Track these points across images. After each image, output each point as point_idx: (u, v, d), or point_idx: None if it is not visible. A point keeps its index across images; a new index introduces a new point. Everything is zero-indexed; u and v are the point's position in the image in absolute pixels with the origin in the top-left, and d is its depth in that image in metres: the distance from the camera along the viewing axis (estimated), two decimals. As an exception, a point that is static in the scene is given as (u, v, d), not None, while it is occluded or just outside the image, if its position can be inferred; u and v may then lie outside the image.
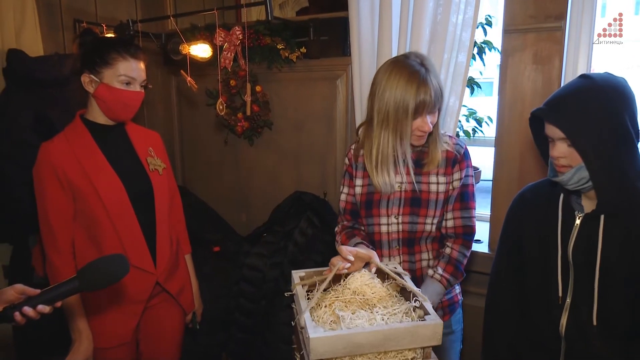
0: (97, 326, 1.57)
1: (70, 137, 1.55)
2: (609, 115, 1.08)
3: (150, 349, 1.74)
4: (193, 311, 1.85)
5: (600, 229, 1.15)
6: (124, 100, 1.53)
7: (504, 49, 1.88)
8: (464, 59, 1.88)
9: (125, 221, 1.56)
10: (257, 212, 2.72)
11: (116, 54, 1.49)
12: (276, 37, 2.35)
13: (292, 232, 2.30)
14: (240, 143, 2.71)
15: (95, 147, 1.56)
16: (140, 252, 1.59)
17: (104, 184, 1.53)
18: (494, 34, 2.26)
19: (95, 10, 2.53)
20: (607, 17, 1.93)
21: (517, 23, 1.83)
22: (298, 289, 1.24)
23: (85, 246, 1.56)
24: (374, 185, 1.50)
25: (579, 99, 1.11)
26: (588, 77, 1.14)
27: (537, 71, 1.82)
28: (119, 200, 1.54)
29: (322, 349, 1.01)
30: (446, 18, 1.84)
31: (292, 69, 2.43)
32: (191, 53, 2.17)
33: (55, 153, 1.50)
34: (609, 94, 1.10)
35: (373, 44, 2.04)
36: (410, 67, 1.38)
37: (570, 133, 1.10)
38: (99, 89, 1.51)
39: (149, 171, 1.64)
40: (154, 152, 1.69)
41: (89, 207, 1.53)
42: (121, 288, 1.57)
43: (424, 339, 1.07)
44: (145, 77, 1.57)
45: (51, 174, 1.49)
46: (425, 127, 1.40)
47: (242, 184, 2.79)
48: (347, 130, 2.40)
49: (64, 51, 2.43)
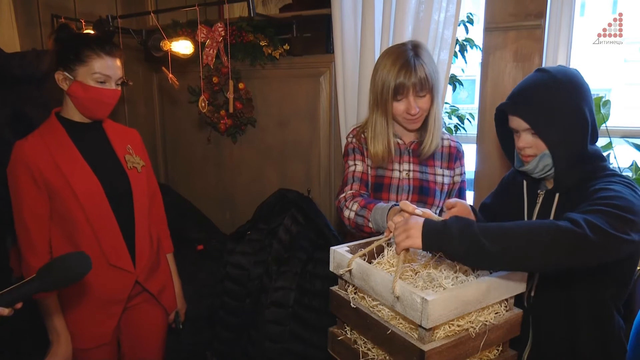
0: (75, 327, 1.55)
1: (45, 135, 1.51)
2: (568, 105, 1.16)
3: (133, 349, 1.72)
4: (176, 311, 1.84)
5: (554, 205, 1.24)
6: (98, 98, 1.50)
7: (485, 47, 1.90)
8: (446, 57, 1.90)
9: (103, 220, 1.53)
10: (241, 210, 2.71)
11: (90, 51, 1.46)
12: (259, 34, 2.34)
13: (277, 230, 2.30)
14: (223, 141, 2.70)
15: (71, 145, 1.52)
16: (118, 251, 1.56)
17: (80, 182, 1.50)
18: (476, 32, 2.28)
19: (74, 6, 2.48)
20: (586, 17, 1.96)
21: (497, 21, 1.85)
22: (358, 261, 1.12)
23: (63, 245, 1.53)
24: (371, 156, 1.54)
25: (539, 92, 1.18)
26: (545, 70, 1.21)
27: (517, 68, 1.85)
28: (96, 198, 1.52)
29: (437, 313, 0.94)
30: (428, 15, 1.85)
31: (275, 66, 2.43)
32: (172, 50, 2.14)
33: (30, 151, 1.47)
34: (567, 85, 1.17)
35: (356, 42, 2.05)
36: (400, 51, 1.45)
37: (535, 123, 1.17)
38: (73, 86, 1.47)
39: (127, 169, 1.61)
40: (132, 149, 1.67)
41: (65, 206, 1.50)
42: (99, 288, 1.55)
43: (515, 287, 1.10)
44: (121, 75, 1.54)
45: (25, 173, 1.46)
46: (412, 110, 1.44)
47: (226, 181, 2.77)
48: (331, 127, 2.40)
49: (41, 47, 2.38)
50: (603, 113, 1.90)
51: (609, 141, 1.91)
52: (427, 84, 1.43)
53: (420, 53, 1.44)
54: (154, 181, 1.80)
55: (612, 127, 1.92)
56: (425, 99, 1.45)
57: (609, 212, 1.00)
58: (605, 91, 2.80)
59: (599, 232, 0.96)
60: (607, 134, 1.91)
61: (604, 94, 1.98)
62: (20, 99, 2.04)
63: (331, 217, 2.44)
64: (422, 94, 1.44)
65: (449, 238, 0.99)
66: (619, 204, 1.02)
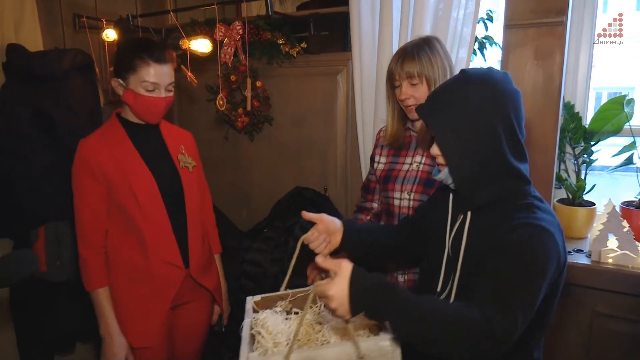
0: (124, 322, 1.59)
1: (106, 134, 1.59)
2: (474, 113, 1.05)
3: (181, 345, 1.76)
4: (220, 313, 1.87)
5: (466, 224, 1.14)
6: (147, 106, 1.54)
7: (505, 45, 1.87)
8: (464, 54, 1.88)
9: (156, 216, 1.58)
10: (257, 208, 2.72)
11: (139, 59, 1.49)
12: (276, 32, 2.34)
13: (293, 228, 2.30)
14: (240, 139, 2.71)
15: (129, 143, 1.59)
16: (170, 247, 1.61)
17: (137, 179, 1.56)
18: (495, 29, 2.25)
19: (95, 5, 2.51)
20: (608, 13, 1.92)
21: (518, 18, 1.82)
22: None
23: (119, 240, 1.59)
24: (387, 134, 1.63)
25: (446, 96, 1.09)
26: (464, 73, 1.11)
27: (537, 67, 1.82)
28: (151, 195, 1.58)
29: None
30: (447, 13, 1.83)
31: (292, 64, 2.43)
32: (191, 48, 2.16)
33: (91, 148, 1.55)
34: (480, 91, 1.05)
35: (374, 39, 2.04)
36: (408, 43, 1.53)
37: (435, 131, 1.09)
38: (125, 94, 1.53)
39: (179, 168, 1.66)
40: (185, 150, 1.72)
41: (122, 201, 1.56)
42: (149, 282, 1.59)
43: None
44: (171, 80, 1.56)
45: (85, 169, 1.53)
46: (401, 96, 1.50)
47: (243, 179, 2.79)
48: (348, 125, 2.39)
49: (63, 46, 2.42)
50: (627, 112, 1.86)
51: (633, 140, 1.87)
52: (420, 72, 1.45)
53: (424, 44, 1.47)
54: (204, 182, 1.85)
55: (636, 127, 1.88)
56: (418, 87, 1.48)
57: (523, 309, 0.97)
58: (629, 89, 2.73)
59: (508, 340, 0.95)
60: (631, 132, 1.87)
61: (628, 92, 1.94)
62: (42, 97, 2.08)
63: (347, 215, 2.43)
64: (414, 82, 1.47)
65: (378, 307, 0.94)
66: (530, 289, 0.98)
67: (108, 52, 2.59)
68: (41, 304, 2.20)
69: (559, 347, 1.87)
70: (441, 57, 1.48)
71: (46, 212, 2.08)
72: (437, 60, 1.47)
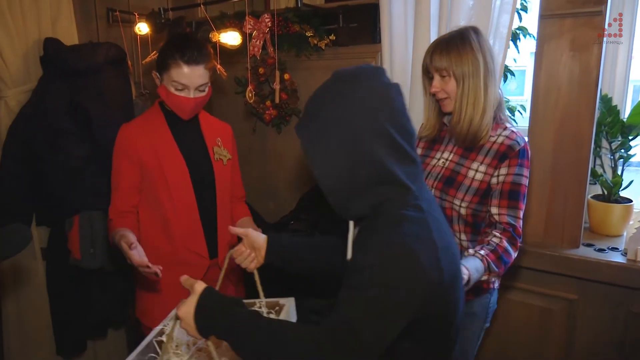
0: (145, 304, 1.65)
1: (147, 120, 1.67)
2: (339, 119, 0.95)
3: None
4: None
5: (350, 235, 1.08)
6: (176, 105, 1.58)
7: (540, 36, 1.82)
8: (502, 47, 1.82)
9: (186, 205, 1.63)
10: (284, 200, 2.73)
11: (171, 59, 1.51)
12: (305, 25, 2.33)
13: (319, 221, 2.31)
14: (268, 131, 2.72)
15: (168, 132, 1.65)
16: (196, 236, 1.65)
17: (171, 166, 1.61)
18: (529, 20, 2.19)
19: None
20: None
21: (554, 8, 1.77)
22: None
23: (148, 225, 1.64)
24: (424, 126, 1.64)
25: (315, 103, 1.00)
26: (334, 74, 1.01)
27: (574, 59, 1.76)
28: (183, 183, 1.62)
29: None
30: (488, 2, 1.77)
31: (320, 56, 2.42)
32: (221, 41, 2.18)
33: (130, 133, 1.62)
34: (345, 94, 0.95)
35: (405, 31, 2.01)
36: (443, 35, 1.52)
37: (301, 142, 1.00)
38: (160, 89, 1.59)
39: (213, 160, 1.69)
40: (221, 142, 1.75)
41: (154, 187, 1.61)
42: (173, 269, 1.57)
43: None
44: (203, 82, 1.56)
45: (124, 150, 1.62)
46: (432, 89, 1.50)
47: (270, 172, 2.80)
48: (376, 118, 2.37)
49: (97, 40, 2.47)
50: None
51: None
52: (447, 67, 1.43)
53: (458, 36, 1.45)
54: (238, 176, 1.89)
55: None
56: (447, 81, 1.46)
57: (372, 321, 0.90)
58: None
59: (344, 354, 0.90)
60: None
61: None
62: (77, 90, 2.14)
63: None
64: (444, 74, 1.46)
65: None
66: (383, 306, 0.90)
67: (140, 45, 2.63)
68: (75, 291, 2.28)
69: (594, 347, 1.82)
70: (474, 50, 1.42)
71: (81, 202, 2.15)
72: (468, 54, 1.42)
